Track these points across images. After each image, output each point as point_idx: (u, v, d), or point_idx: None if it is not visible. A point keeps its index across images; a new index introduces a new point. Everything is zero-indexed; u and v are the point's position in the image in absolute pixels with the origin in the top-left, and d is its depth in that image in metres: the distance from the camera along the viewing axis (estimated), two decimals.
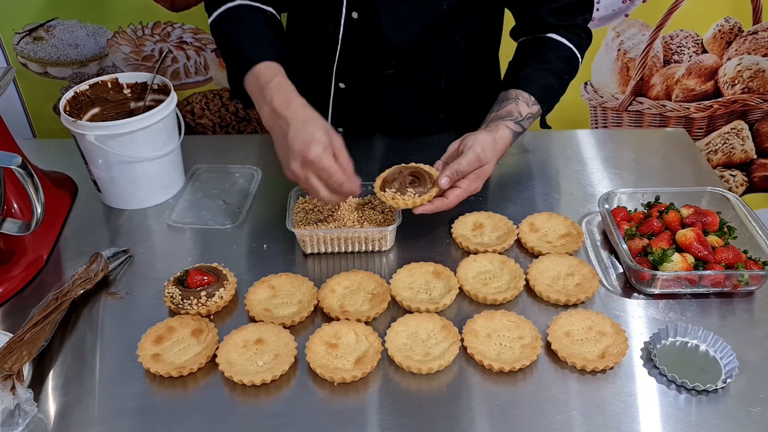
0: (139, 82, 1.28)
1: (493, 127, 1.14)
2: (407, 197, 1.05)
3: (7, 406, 0.84)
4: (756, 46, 1.80)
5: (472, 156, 1.06)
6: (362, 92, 1.31)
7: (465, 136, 1.11)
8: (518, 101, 1.17)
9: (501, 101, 1.19)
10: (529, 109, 1.17)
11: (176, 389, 0.89)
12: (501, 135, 1.12)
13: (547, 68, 1.20)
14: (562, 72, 1.22)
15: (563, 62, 1.21)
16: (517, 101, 1.17)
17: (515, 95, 1.18)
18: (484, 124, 1.18)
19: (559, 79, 1.22)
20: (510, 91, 1.19)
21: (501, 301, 1.01)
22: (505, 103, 1.18)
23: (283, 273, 1.06)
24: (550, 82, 1.20)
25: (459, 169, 1.06)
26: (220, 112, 1.91)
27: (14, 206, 1.11)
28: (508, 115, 1.16)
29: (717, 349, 0.93)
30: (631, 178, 1.31)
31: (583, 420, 0.84)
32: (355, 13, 1.18)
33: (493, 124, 1.15)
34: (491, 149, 1.10)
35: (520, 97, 1.18)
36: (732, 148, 1.98)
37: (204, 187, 1.29)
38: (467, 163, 1.06)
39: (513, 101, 1.17)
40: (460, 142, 1.11)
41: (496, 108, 1.19)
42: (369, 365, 0.90)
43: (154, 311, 1.01)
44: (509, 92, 1.19)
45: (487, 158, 1.09)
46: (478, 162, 1.07)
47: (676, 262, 1.00)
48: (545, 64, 1.20)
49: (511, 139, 1.15)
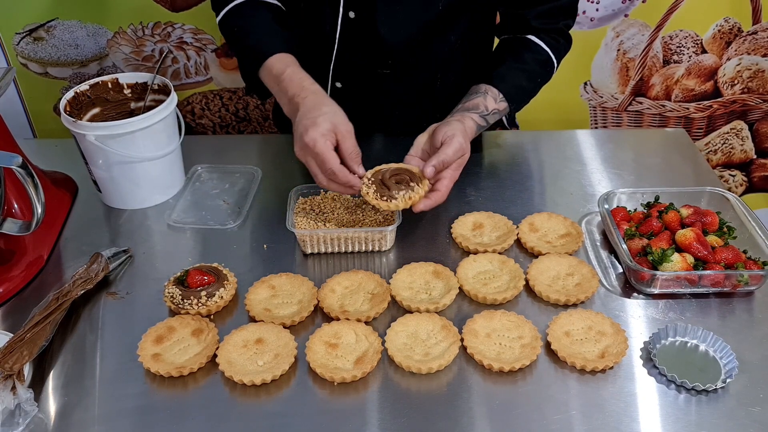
0: (140, 83, 1.28)
1: (460, 117, 1.15)
2: (403, 198, 1.05)
3: (8, 406, 0.84)
4: (755, 46, 1.80)
5: (457, 145, 1.08)
6: (359, 92, 1.31)
7: (436, 127, 1.12)
8: (487, 96, 1.18)
9: (470, 94, 1.21)
10: (495, 105, 1.19)
11: (176, 389, 0.90)
12: (468, 125, 1.14)
13: (522, 69, 1.21)
14: (536, 74, 1.23)
15: (539, 65, 1.23)
16: (486, 96, 1.18)
17: (485, 90, 1.19)
18: (451, 114, 1.19)
19: (532, 81, 1.24)
20: (481, 86, 1.20)
21: (501, 301, 1.01)
22: (474, 96, 1.19)
23: (283, 273, 1.06)
24: (522, 83, 1.22)
25: (445, 160, 1.07)
26: (220, 112, 1.91)
27: (14, 206, 1.11)
28: (475, 107, 1.17)
29: (717, 349, 0.93)
30: (630, 178, 1.31)
31: (582, 420, 0.84)
32: (352, 12, 1.19)
33: (459, 115, 1.16)
34: (467, 138, 1.12)
35: (489, 92, 1.19)
36: (731, 148, 1.98)
37: (204, 187, 1.30)
38: (453, 152, 1.08)
39: (482, 95, 1.19)
40: (431, 134, 1.13)
41: (464, 100, 1.20)
42: (369, 365, 0.90)
43: (154, 311, 1.01)
44: (480, 86, 1.21)
45: (467, 147, 1.11)
46: (461, 151, 1.09)
47: (675, 262, 1.00)
48: (521, 64, 1.22)
49: (475, 130, 1.17)
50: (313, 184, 1.20)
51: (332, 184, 1.05)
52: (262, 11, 1.18)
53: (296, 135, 1.05)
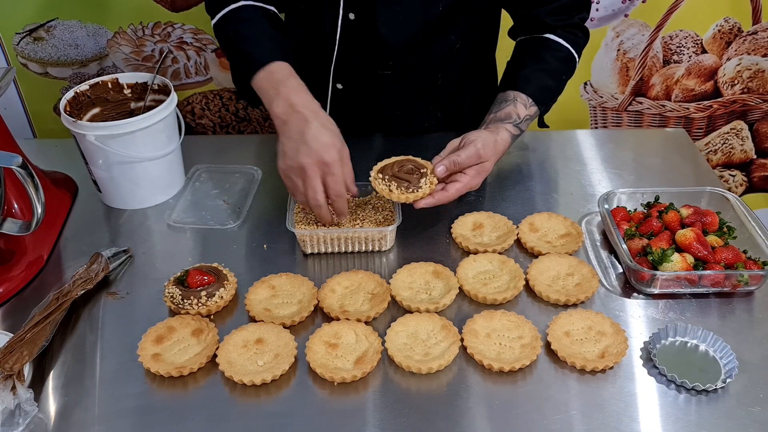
0: (140, 83, 1.28)
1: (494, 128, 1.15)
2: (407, 191, 1.05)
3: (8, 406, 0.84)
4: (755, 46, 1.80)
5: (473, 150, 1.08)
6: (360, 92, 1.31)
7: (467, 134, 1.13)
8: (516, 103, 1.18)
9: (499, 102, 1.20)
10: (527, 111, 1.18)
11: (176, 389, 0.90)
12: (501, 137, 1.14)
13: (545, 69, 1.21)
14: (560, 72, 1.23)
15: (561, 62, 1.22)
16: (516, 103, 1.18)
17: (513, 97, 1.18)
18: (484, 124, 1.18)
19: (557, 79, 1.23)
20: (508, 93, 1.20)
21: (501, 301, 1.01)
22: (504, 105, 1.18)
23: (283, 273, 1.06)
24: (547, 83, 1.21)
25: (457, 161, 1.07)
26: (220, 112, 1.91)
27: (14, 206, 1.11)
28: (507, 117, 1.17)
29: (717, 349, 0.93)
30: (630, 178, 1.31)
31: (582, 420, 0.84)
32: (352, 14, 1.19)
33: (493, 126, 1.15)
34: (492, 148, 1.11)
35: (518, 98, 1.18)
36: (731, 148, 1.98)
37: (204, 187, 1.30)
38: (466, 156, 1.07)
39: (511, 103, 1.18)
40: (461, 139, 1.12)
41: (494, 109, 1.19)
42: (369, 365, 0.90)
43: (154, 311, 1.01)
44: (507, 93, 1.20)
45: (487, 155, 1.10)
46: (477, 157, 1.08)
47: (675, 262, 1.00)
48: (543, 64, 1.21)
49: (510, 142, 1.16)
50: None
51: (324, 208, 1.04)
52: (258, 17, 1.16)
53: (307, 149, 1.01)
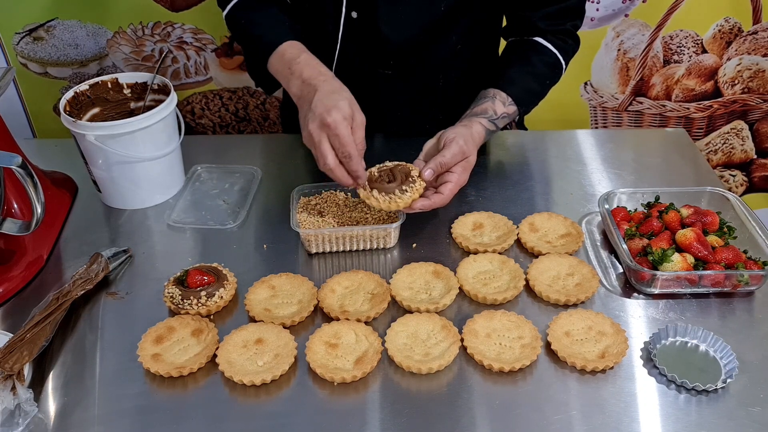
0: (139, 82, 1.28)
1: (468, 122, 1.15)
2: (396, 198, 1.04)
3: (8, 406, 0.84)
4: (756, 46, 1.80)
5: (456, 149, 1.08)
6: (361, 92, 1.30)
7: (441, 133, 1.13)
8: (495, 100, 1.18)
9: (479, 99, 1.21)
10: (504, 108, 1.18)
11: (176, 389, 0.90)
12: (476, 130, 1.14)
13: (531, 72, 1.21)
14: (544, 77, 1.23)
15: (547, 68, 1.23)
16: (494, 100, 1.18)
17: (493, 94, 1.19)
18: (460, 120, 1.19)
19: (541, 83, 1.23)
20: (489, 90, 1.21)
21: (501, 301, 1.01)
22: (482, 101, 1.19)
23: (283, 273, 1.06)
24: (531, 86, 1.22)
25: (443, 162, 1.07)
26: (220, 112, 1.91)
27: (14, 206, 1.11)
28: (483, 112, 1.17)
29: (717, 349, 0.93)
30: (630, 178, 1.31)
31: (582, 420, 0.84)
32: (355, 12, 1.19)
33: (467, 120, 1.16)
34: (471, 142, 1.12)
35: (497, 96, 1.19)
36: (732, 148, 1.98)
37: (204, 187, 1.30)
38: (451, 155, 1.07)
39: (490, 99, 1.19)
40: (437, 139, 1.13)
41: (473, 105, 1.20)
42: (369, 365, 0.90)
43: (154, 311, 1.01)
44: (488, 91, 1.21)
45: (470, 150, 1.11)
46: (461, 154, 1.09)
47: (675, 262, 1.00)
48: (529, 67, 1.22)
49: (484, 135, 1.17)
50: (314, 184, 1.20)
51: (338, 170, 1.03)
52: (268, 4, 1.20)
53: (312, 115, 1.02)
